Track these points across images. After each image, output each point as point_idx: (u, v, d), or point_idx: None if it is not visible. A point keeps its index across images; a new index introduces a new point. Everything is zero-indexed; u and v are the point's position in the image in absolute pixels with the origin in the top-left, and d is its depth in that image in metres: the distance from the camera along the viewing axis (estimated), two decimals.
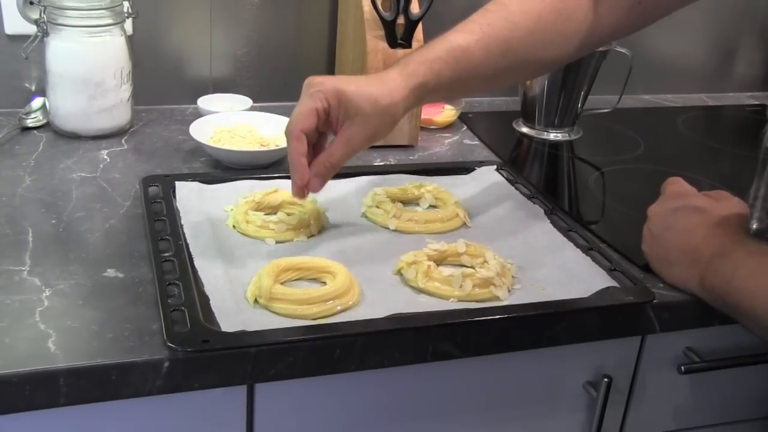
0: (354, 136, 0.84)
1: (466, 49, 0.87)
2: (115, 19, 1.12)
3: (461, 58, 0.86)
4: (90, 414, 0.72)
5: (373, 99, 0.83)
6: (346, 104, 0.83)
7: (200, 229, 0.89)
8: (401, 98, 0.84)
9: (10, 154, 1.08)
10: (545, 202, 1.02)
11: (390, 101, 0.83)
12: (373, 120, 0.84)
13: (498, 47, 0.88)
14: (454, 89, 0.92)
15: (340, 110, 0.83)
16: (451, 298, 0.82)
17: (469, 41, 0.87)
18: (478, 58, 0.87)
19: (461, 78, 0.87)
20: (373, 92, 0.83)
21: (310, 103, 0.82)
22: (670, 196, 0.88)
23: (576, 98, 1.28)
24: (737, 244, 0.80)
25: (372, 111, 0.83)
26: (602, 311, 0.83)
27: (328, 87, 0.82)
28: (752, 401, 1.00)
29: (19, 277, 0.80)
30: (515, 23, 0.88)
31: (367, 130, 0.84)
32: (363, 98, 0.83)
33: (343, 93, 0.82)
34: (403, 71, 0.85)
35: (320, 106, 0.82)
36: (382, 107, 0.83)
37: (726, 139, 1.42)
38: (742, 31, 1.59)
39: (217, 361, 0.71)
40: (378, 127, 0.85)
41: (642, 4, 0.90)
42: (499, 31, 0.88)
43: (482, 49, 0.87)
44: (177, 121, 1.23)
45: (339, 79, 0.85)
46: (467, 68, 0.87)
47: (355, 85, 0.83)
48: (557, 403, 0.91)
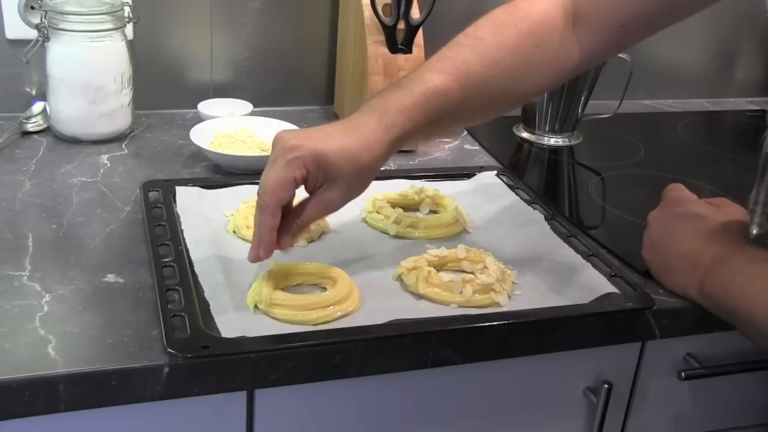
0: (331, 198, 0.79)
1: (444, 91, 0.81)
2: (115, 24, 1.12)
3: (437, 102, 0.81)
4: (89, 420, 0.71)
5: (353, 158, 0.78)
6: (326, 168, 0.77)
7: (200, 235, 0.89)
8: (381, 153, 0.79)
9: (10, 158, 1.08)
10: (545, 207, 1.02)
11: (370, 158, 0.78)
12: (354, 180, 0.79)
13: (475, 86, 0.83)
14: (431, 132, 0.89)
15: (319, 175, 0.77)
16: (451, 303, 0.82)
17: (445, 82, 0.82)
18: (455, 100, 0.82)
19: (437, 120, 0.83)
20: (353, 151, 0.78)
21: (288, 173, 0.76)
22: (671, 203, 0.88)
23: (576, 103, 1.28)
24: (737, 251, 0.80)
25: (352, 171, 0.78)
26: (602, 317, 0.83)
27: (306, 152, 0.76)
28: (752, 407, 1.00)
29: (19, 282, 0.80)
30: (492, 59, 0.84)
31: (345, 191, 0.80)
32: (343, 160, 0.77)
33: (323, 156, 0.76)
34: (382, 121, 0.79)
35: (299, 175, 0.76)
36: (362, 166, 0.78)
37: (726, 144, 1.43)
38: (742, 36, 1.59)
39: (217, 367, 0.71)
40: (357, 187, 0.81)
41: (626, 28, 0.86)
42: (476, 69, 0.83)
43: (459, 90, 0.82)
44: (177, 126, 1.23)
45: (314, 139, 0.78)
46: (445, 110, 0.82)
47: (333, 145, 0.77)
48: (557, 409, 0.91)
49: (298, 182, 0.77)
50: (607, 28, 0.86)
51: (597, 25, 0.86)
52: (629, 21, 0.85)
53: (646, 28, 0.87)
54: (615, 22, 0.85)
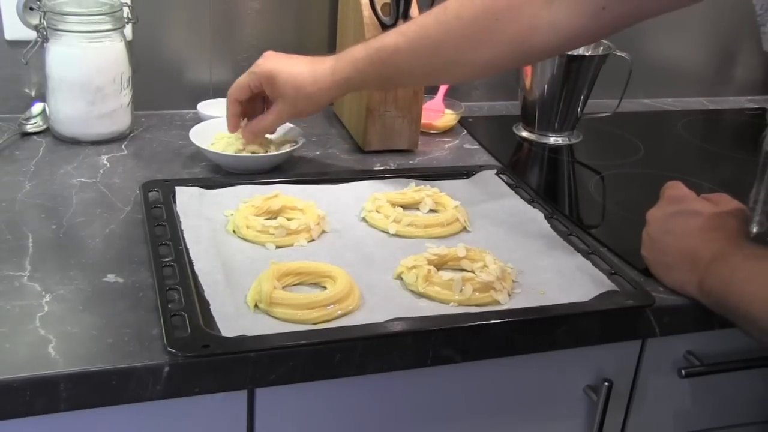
0: (281, 111, 1.02)
1: (395, 50, 0.94)
2: (114, 25, 1.12)
3: (388, 59, 0.95)
4: (90, 419, 0.72)
5: (298, 85, 0.99)
6: (274, 87, 1.00)
7: (200, 234, 0.89)
8: (325, 88, 0.99)
9: (10, 159, 1.08)
10: (545, 206, 1.02)
11: (314, 89, 0.99)
12: (297, 102, 1.00)
13: (427, 49, 0.93)
14: (383, 84, 1.06)
15: (271, 90, 1.01)
16: (451, 302, 0.82)
17: (398, 42, 0.94)
18: (405, 59, 0.94)
19: (388, 76, 0.97)
20: (301, 80, 0.99)
21: (245, 80, 1.02)
22: (669, 200, 0.88)
23: (576, 102, 1.28)
24: (736, 248, 0.80)
25: (296, 95, 0.99)
26: (602, 315, 0.83)
27: (263, 70, 1.00)
28: (752, 405, 1.00)
29: (20, 282, 0.80)
30: (447, 26, 0.91)
31: (291, 109, 1.02)
32: (289, 84, 0.99)
33: (273, 77, 0.99)
34: (335, 64, 0.98)
35: (252, 84, 1.02)
36: (305, 93, 0.99)
37: (726, 142, 1.43)
38: (741, 34, 1.59)
39: (218, 366, 0.71)
40: (302, 108, 1.02)
41: (607, 10, 0.85)
42: (429, 33, 0.92)
43: (410, 51, 0.94)
44: (177, 126, 1.23)
45: (277, 61, 1.00)
46: (394, 67, 0.96)
47: (286, 70, 0.99)
48: (558, 408, 0.91)
49: (252, 89, 1.02)
50: (588, 9, 0.86)
51: (576, 5, 0.86)
52: (610, 3, 0.84)
53: (629, 13, 0.86)
54: (596, 3, 0.85)
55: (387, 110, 1.16)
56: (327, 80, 0.98)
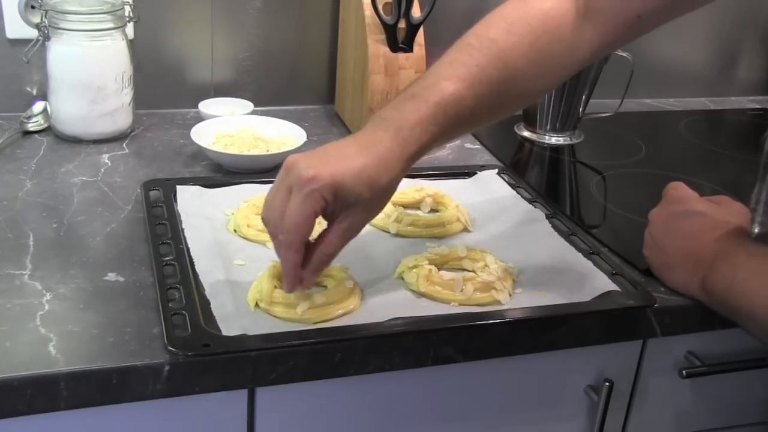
0: (353, 224, 0.76)
1: (459, 100, 0.78)
2: (116, 24, 1.12)
3: (452, 111, 0.78)
4: (91, 418, 0.71)
5: (372, 181, 0.74)
6: (345, 196, 0.73)
7: (201, 233, 0.89)
8: (399, 171, 0.76)
9: (11, 158, 1.08)
10: (546, 206, 1.02)
11: (388, 179, 0.75)
12: (373, 203, 0.76)
13: (489, 91, 0.80)
14: (445, 141, 0.85)
15: (338, 203, 0.74)
16: (452, 302, 0.82)
17: (460, 90, 0.78)
18: (469, 107, 0.79)
19: (453, 129, 0.80)
20: (371, 173, 0.74)
21: (307, 208, 0.72)
22: (672, 201, 0.88)
23: (577, 102, 1.28)
24: (738, 247, 0.80)
25: (372, 195, 0.75)
26: (603, 315, 0.83)
27: (323, 183, 0.72)
28: (754, 405, 1.00)
29: (20, 281, 0.80)
30: (505, 63, 0.80)
31: (366, 215, 0.77)
32: (361, 184, 0.73)
33: (341, 185, 0.73)
34: (398, 136, 0.75)
35: (318, 208, 0.73)
36: (381, 188, 0.75)
37: (728, 143, 1.42)
38: (743, 35, 1.59)
39: (218, 365, 0.71)
40: (376, 208, 0.78)
41: (642, 18, 0.82)
42: (490, 73, 0.79)
43: (473, 97, 0.78)
44: (178, 125, 1.23)
45: (331, 165, 0.74)
46: (458, 119, 0.79)
47: (350, 170, 0.73)
48: (558, 408, 0.91)
49: (318, 215, 0.74)
50: (621, 20, 0.83)
51: (609, 17, 0.83)
52: (645, 11, 0.82)
53: (663, 16, 0.84)
54: (630, 14, 0.82)
55: None
56: (398, 161, 0.75)
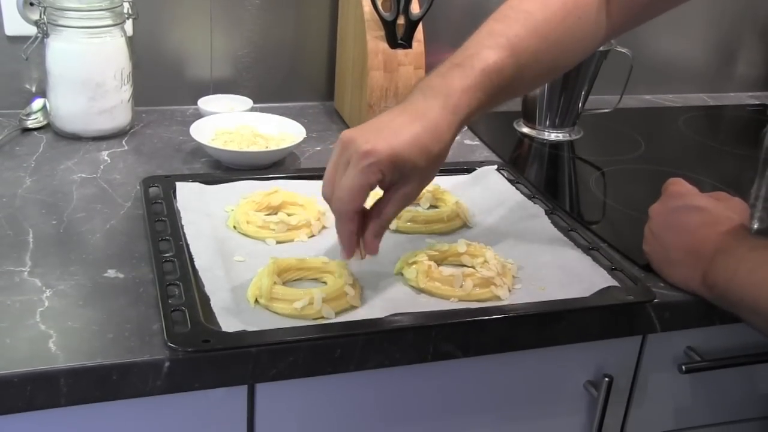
0: (408, 192, 0.78)
1: (501, 69, 0.80)
2: (115, 20, 1.12)
3: (497, 79, 0.80)
4: (91, 414, 0.72)
5: (426, 150, 0.76)
6: (402, 167, 0.75)
7: (201, 230, 0.89)
8: (450, 138, 0.78)
9: (10, 155, 1.08)
10: (546, 202, 1.02)
11: (440, 146, 0.77)
12: (427, 171, 0.78)
13: (527, 61, 0.82)
14: (488, 109, 0.85)
15: (395, 174, 0.76)
16: (451, 297, 0.82)
17: (502, 58, 0.80)
18: (510, 76, 0.81)
19: (496, 97, 0.82)
20: (425, 142, 0.76)
21: (363, 180, 0.74)
22: (671, 196, 0.88)
23: (577, 98, 1.28)
24: (739, 240, 0.80)
25: (427, 164, 0.76)
26: (603, 311, 0.83)
27: (381, 157, 0.74)
28: (753, 400, 1.00)
29: (20, 277, 0.80)
30: (541, 34, 0.83)
31: (420, 183, 0.79)
32: (417, 154, 0.75)
33: (398, 157, 0.74)
34: (448, 103, 0.77)
35: (374, 180, 0.75)
36: (435, 156, 0.77)
37: (727, 139, 1.42)
38: (742, 31, 1.59)
39: (218, 361, 0.71)
40: (430, 176, 0.80)
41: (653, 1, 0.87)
42: (528, 43, 0.82)
43: (514, 66, 0.81)
44: (177, 122, 1.23)
45: (386, 138, 0.75)
46: (502, 86, 0.81)
47: (406, 141, 0.75)
48: (558, 403, 0.91)
49: (374, 187, 0.76)
50: (637, 2, 0.88)
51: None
52: None
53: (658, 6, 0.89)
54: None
55: (387, 105, 1.16)
56: (449, 128, 0.77)
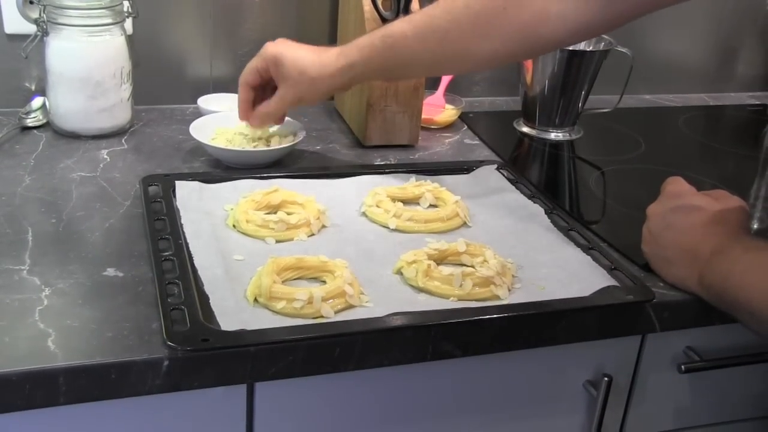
0: (285, 95, 1.00)
1: (402, 37, 0.93)
2: (115, 19, 1.12)
3: (394, 46, 0.94)
4: (89, 413, 0.72)
5: (302, 69, 0.97)
6: (280, 69, 0.99)
7: (200, 229, 0.89)
8: (328, 74, 0.97)
9: (9, 153, 1.08)
10: (545, 201, 1.02)
11: (316, 74, 0.97)
12: (301, 86, 0.99)
13: (435, 38, 0.92)
14: (388, 74, 1.01)
15: (276, 72, 1.00)
16: (451, 297, 0.82)
17: (405, 29, 0.93)
18: (413, 48, 0.93)
19: (393, 64, 0.96)
20: (305, 63, 0.97)
21: (253, 63, 1.02)
22: (670, 196, 0.88)
23: (576, 98, 1.27)
24: (735, 241, 0.80)
25: (299, 78, 0.98)
26: (602, 310, 0.83)
27: (269, 52, 1.00)
28: (752, 400, 1.00)
29: (19, 276, 0.80)
30: (454, 15, 0.91)
31: (295, 93, 1.00)
32: (293, 67, 0.98)
33: (279, 59, 0.99)
34: (342, 50, 0.97)
35: (260, 66, 1.01)
36: (309, 77, 0.97)
37: (727, 139, 1.42)
38: (742, 31, 1.58)
39: (217, 360, 0.71)
40: (305, 92, 1.00)
41: (613, 2, 0.85)
42: (437, 23, 0.91)
43: (418, 39, 0.92)
44: (177, 121, 1.23)
45: (285, 46, 0.99)
46: (400, 55, 0.94)
47: (292, 54, 0.98)
48: (557, 403, 0.91)
49: (261, 72, 1.01)
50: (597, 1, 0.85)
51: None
52: None
53: (637, 5, 0.86)
54: None
55: (387, 105, 1.16)
56: (331, 66, 0.97)
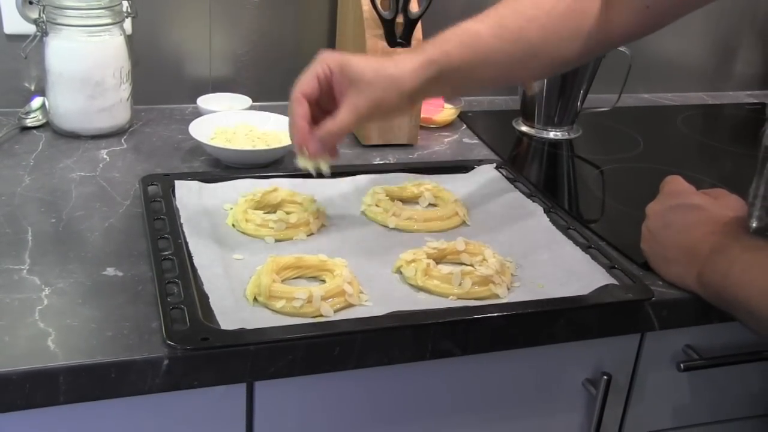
0: (358, 102, 0.82)
1: (477, 34, 0.86)
2: (114, 19, 1.12)
3: (472, 43, 0.86)
4: (89, 412, 0.72)
5: (378, 66, 0.83)
6: (349, 72, 0.82)
7: (200, 228, 0.89)
8: (408, 69, 0.83)
9: (9, 153, 1.08)
10: (544, 200, 1.02)
11: (395, 70, 0.83)
12: (377, 87, 0.82)
13: (510, 36, 0.87)
14: (466, 75, 0.88)
15: (343, 78, 0.83)
16: (450, 296, 0.82)
17: (480, 27, 0.87)
18: (489, 45, 0.86)
19: (472, 63, 0.86)
20: (379, 63, 0.84)
21: (312, 70, 0.84)
22: (669, 195, 0.88)
23: (575, 97, 1.28)
24: (733, 240, 0.80)
25: (375, 77, 0.82)
26: (601, 309, 0.83)
27: (333, 56, 0.84)
28: (751, 399, 1.00)
29: (19, 275, 0.80)
30: (527, 15, 0.88)
31: (371, 96, 0.82)
32: (366, 66, 0.83)
33: (346, 62, 0.83)
34: (412, 51, 0.89)
35: (321, 71, 0.83)
36: (386, 74, 0.82)
37: (725, 137, 1.42)
38: (741, 29, 1.59)
39: (217, 359, 0.71)
40: (383, 96, 0.83)
41: (650, 9, 0.88)
42: (511, 21, 0.88)
43: (494, 36, 0.86)
44: (176, 121, 1.23)
45: (347, 54, 0.85)
46: (478, 53, 0.86)
47: (361, 58, 0.84)
48: (557, 401, 0.91)
49: (321, 79, 0.83)
50: (634, 7, 0.88)
51: (623, 7, 0.89)
52: (653, 2, 0.87)
53: (672, 9, 0.89)
54: (638, 2, 0.88)
55: None
56: (409, 61, 0.84)
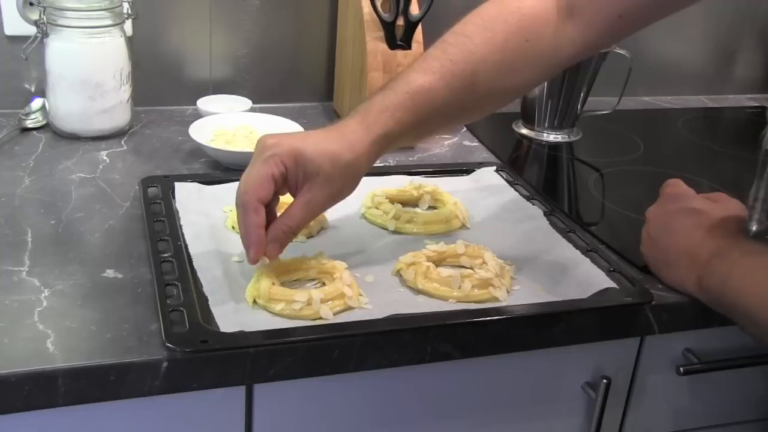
0: (314, 198, 0.78)
1: (429, 90, 0.81)
2: (114, 20, 1.12)
3: (422, 101, 0.81)
4: (88, 414, 0.72)
5: (334, 156, 0.77)
6: (305, 165, 0.76)
7: (199, 230, 0.89)
8: (363, 152, 0.79)
9: (9, 154, 1.08)
10: (544, 203, 1.02)
11: (351, 156, 0.78)
12: (336, 178, 0.78)
13: (462, 83, 0.82)
14: (419, 132, 0.87)
15: (299, 172, 0.77)
16: (450, 298, 0.82)
17: (430, 81, 0.81)
18: (441, 98, 0.81)
19: (424, 120, 0.82)
20: (334, 149, 0.77)
21: (265, 169, 0.76)
22: (669, 198, 0.88)
23: (575, 100, 1.28)
24: (733, 245, 0.80)
25: (333, 169, 0.77)
26: (601, 312, 0.83)
27: (284, 149, 0.76)
28: (751, 403, 1.00)
29: (18, 277, 0.80)
30: (479, 56, 0.83)
31: (329, 190, 0.78)
32: (323, 156, 0.77)
33: (301, 153, 0.76)
34: (364, 121, 0.79)
35: (276, 171, 0.76)
36: (343, 163, 0.77)
37: (726, 140, 1.42)
38: (741, 33, 1.59)
39: (216, 362, 0.71)
40: (341, 186, 0.79)
41: (624, 18, 0.84)
42: (462, 67, 0.82)
43: (445, 88, 0.81)
44: (177, 122, 1.23)
45: (295, 138, 0.79)
46: (430, 109, 0.81)
47: (313, 143, 0.77)
48: (556, 405, 0.91)
49: (277, 179, 0.76)
50: (604, 19, 0.85)
51: (592, 17, 0.85)
52: (627, 11, 0.84)
53: (645, 17, 0.86)
54: (612, 13, 0.84)
55: None
56: (362, 142, 0.78)
